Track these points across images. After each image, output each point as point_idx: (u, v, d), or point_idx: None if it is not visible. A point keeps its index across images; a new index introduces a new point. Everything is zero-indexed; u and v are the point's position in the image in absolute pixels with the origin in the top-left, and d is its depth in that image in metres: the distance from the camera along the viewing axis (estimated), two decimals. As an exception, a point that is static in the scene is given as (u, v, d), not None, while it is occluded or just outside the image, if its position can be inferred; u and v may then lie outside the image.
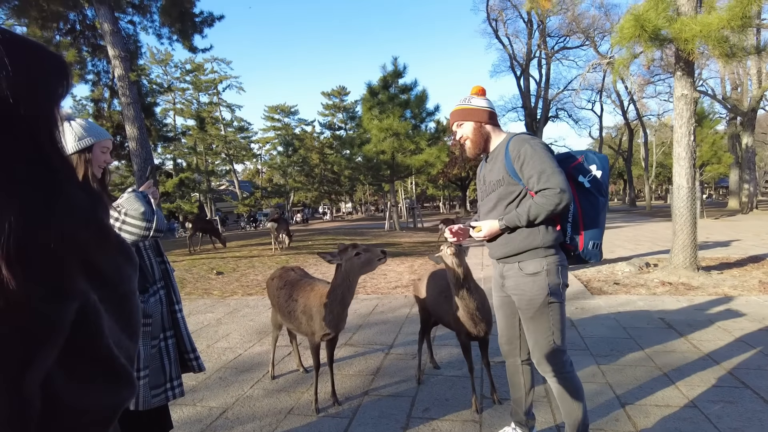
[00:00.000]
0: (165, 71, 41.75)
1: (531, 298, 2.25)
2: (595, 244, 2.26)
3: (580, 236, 2.25)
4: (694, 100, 6.91)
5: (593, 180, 2.27)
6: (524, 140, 2.22)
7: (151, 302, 2.15)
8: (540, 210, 2.14)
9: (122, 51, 17.24)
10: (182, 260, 10.56)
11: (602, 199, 2.26)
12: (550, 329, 2.24)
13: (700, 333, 4.35)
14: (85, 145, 2.14)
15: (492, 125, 2.40)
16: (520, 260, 2.28)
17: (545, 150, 2.18)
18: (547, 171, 2.12)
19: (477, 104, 2.38)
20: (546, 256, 2.23)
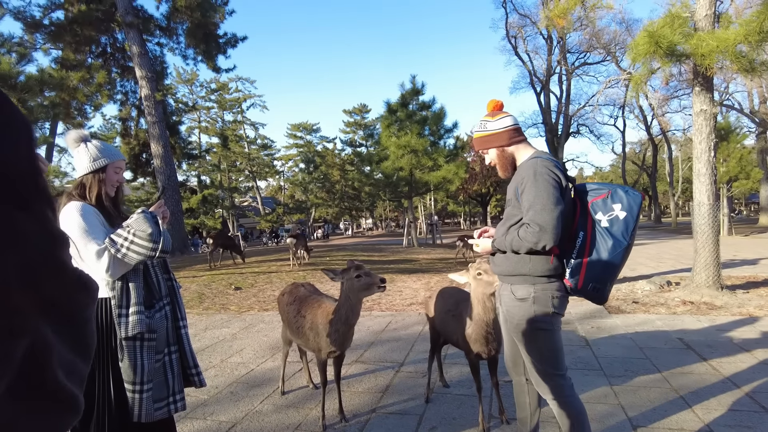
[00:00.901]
0: (191, 90, 42.96)
1: (517, 323, 2.24)
2: (595, 287, 2.12)
3: (580, 275, 2.12)
4: (713, 115, 6.80)
5: (613, 220, 2.11)
6: (531, 166, 2.15)
7: (156, 318, 2.22)
8: (520, 244, 2.11)
9: (149, 71, 17.85)
10: (202, 275, 10.74)
11: (620, 242, 2.08)
12: (542, 355, 2.21)
13: (721, 354, 4.22)
14: (99, 166, 2.24)
15: (516, 142, 2.31)
16: (512, 283, 2.27)
17: (547, 182, 2.08)
18: (536, 206, 2.05)
19: (493, 128, 2.31)
20: (535, 283, 2.18)
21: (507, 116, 2.33)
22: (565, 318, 5.77)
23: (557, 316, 2.22)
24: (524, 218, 2.12)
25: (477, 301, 2.77)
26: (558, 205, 2.05)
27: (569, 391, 2.25)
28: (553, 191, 2.07)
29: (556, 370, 2.22)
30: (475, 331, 2.84)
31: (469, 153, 35.22)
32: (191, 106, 32.86)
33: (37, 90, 8.90)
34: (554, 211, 2.03)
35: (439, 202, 46.74)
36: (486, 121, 2.35)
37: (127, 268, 2.12)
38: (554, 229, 2.02)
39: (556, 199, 2.06)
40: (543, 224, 2.02)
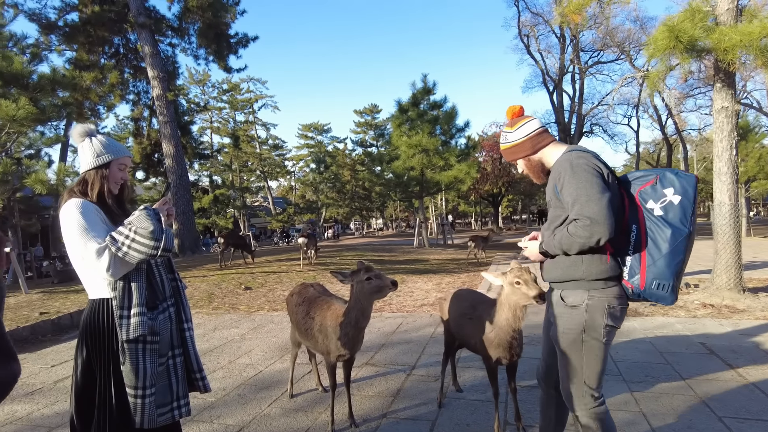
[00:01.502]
0: (203, 91, 43.27)
1: (564, 330, 2.06)
2: (661, 284, 1.88)
3: (641, 273, 1.91)
4: (735, 112, 6.60)
5: (667, 207, 1.90)
6: (566, 160, 2.00)
7: (159, 319, 2.12)
8: (571, 242, 1.92)
9: (161, 72, 17.95)
10: (213, 275, 10.71)
11: (679, 230, 1.86)
12: (581, 368, 2.03)
13: (747, 360, 4.05)
14: (103, 162, 2.16)
15: (542, 147, 2.18)
16: (562, 288, 2.09)
17: (587, 171, 1.91)
18: (581, 198, 1.87)
19: (514, 139, 2.20)
20: (591, 289, 1.99)
21: (527, 122, 2.19)
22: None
23: (612, 330, 2.01)
24: (570, 214, 1.93)
25: (508, 307, 2.64)
26: (604, 194, 1.86)
27: (600, 410, 2.07)
28: (594, 179, 1.89)
29: (593, 388, 2.04)
30: (499, 336, 2.73)
31: (481, 153, 35.01)
32: (203, 106, 33.05)
33: (49, 89, 8.91)
34: (602, 200, 1.84)
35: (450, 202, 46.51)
36: (506, 132, 2.24)
37: (128, 267, 2.03)
38: (607, 219, 1.82)
39: (600, 187, 1.87)
40: (593, 215, 1.83)
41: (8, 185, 8.70)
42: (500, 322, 2.70)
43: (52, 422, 3.46)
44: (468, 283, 9.21)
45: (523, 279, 2.50)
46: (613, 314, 1.98)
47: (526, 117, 2.22)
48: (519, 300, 2.56)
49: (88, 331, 2.07)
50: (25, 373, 4.74)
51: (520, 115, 2.24)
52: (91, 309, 2.09)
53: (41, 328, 6.41)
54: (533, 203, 60.22)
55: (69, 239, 2.02)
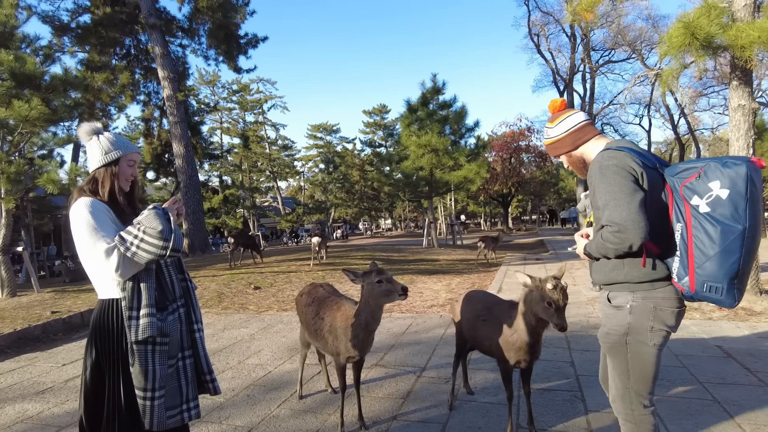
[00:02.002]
0: (213, 92, 43.51)
1: (608, 331, 2.00)
2: (713, 287, 1.72)
3: (689, 275, 1.77)
4: (752, 110, 6.46)
5: (714, 202, 1.71)
6: (596, 162, 1.93)
7: (169, 320, 2.09)
8: (606, 248, 1.85)
9: (171, 72, 18.05)
10: (222, 275, 10.74)
11: (730, 228, 1.67)
12: (627, 372, 1.95)
13: (766, 364, 3.95)
14: (111, 159, 2.14)
15: (583, 142, 2.10)
16: (609, 290, 2.02)
17: (616, 174, 1.82)
18: (610, 204, 1.79)
19: (554, 134, 2.15)
20: (635, 291, 1.91)
21: (568, 117, 2.12)
22: (594, 322, 5.54)
23: (659, 332, 1.89)
24: (602, 220, 1.85)
25: (531, 313, 2.58)
26: (634, 196, 1.76)
27: (645, 419, 1.95)
28: (623, 182, 1.79)
29: (640, 394, 1.95)
30: (521, 339, 2.68)
31: (491, 152, 34.82)
32: (213, 106, 33.27)
33: (61, 90, 8.97)
34: (630, 204, 1.75)
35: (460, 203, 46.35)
36: (548, 128, 2.18)
37: (137, 267, 2.00)
38: (636, 224, 1.73)
39: (629, 190, 1.78)
40: (620, 221, 1.76)
41: (21, 185, 8.75)
42: (523, 325, 2.65)
43: (62, 421, 3.46)
44: (478, 284, 9.14)
45: (555, 300, 2.42)
46: (660, 316, 1.88)
47: (568, 111, 2.14)
48: (540, 314, 2.50)
49: (98, 331, 2.06)
50: (36, 371, 4.76)
51: (561, 110, 2.17)
52: (101, 309, 2.07)
53: (52, 327, 6.44)
54: (543, 203, 59.85)
55: (78, 239, 2.01)
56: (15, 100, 8.06)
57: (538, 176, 39.02)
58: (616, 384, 2.01)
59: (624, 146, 1.94)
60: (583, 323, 5.52)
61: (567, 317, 2.45)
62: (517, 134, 36.47)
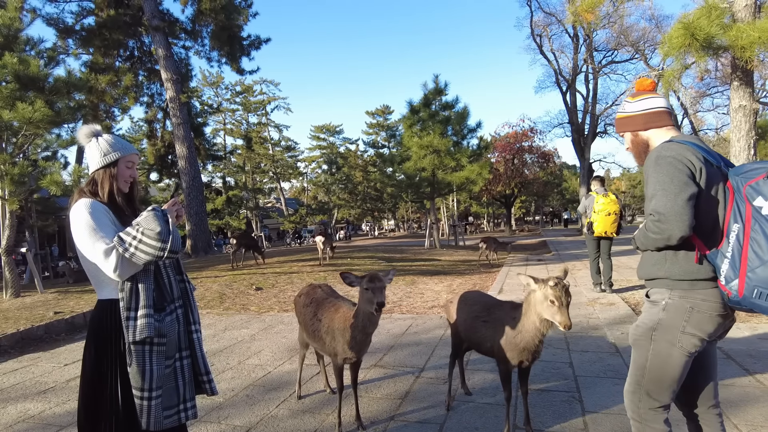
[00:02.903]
0: (216, 93, 43.57)
1: (639, 323, 1.96)
2: (763, 293, 1.62)
3: (739, 279, 1.67)
4: (753, 111, 6.45)
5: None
6: (655, 152, 1.88)
7: (167, 321, 2.11)
8: (646, 237, 1.82)
9: (174, 74, 18.12)
10: (224, 275, 10.77)
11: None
12: (644, 368, 1.90)
13: (765, 365, 3.95)
14: (110, 161, 2.16)
15: (654, 127, 2.02)
16: (651, 286, 1.98)
17: (671, 165, 1.77)
18: (658, 193, 1.76)
19: (631, 110, 2.07)
20: (673, 288, 1.84)
21: (651, 98, 2.04)
22: (594, 323, 5.54)
23: (691, 337, 1.80)
24: (648, 209, 1.83)
25: (535, 314, 2.58)
26: (684, 190, 1.72)
27: (656, 419, 1.91)
28: (676, 174, 1.75)
29: (651, 396, 1.89)
30: (525, 339, 2.68)
31: (493, 153, 34.78)
32: (216, 108, 33.35)
33: (65, 92, 9.04)
34: (678, 196, 1.71)
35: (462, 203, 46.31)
36: (627, 102, 2.11)
37: (136, 268, 2.02)
38: (678, 216, 1.70)
39: (681, 183, 1.73)
40: (664, 211, 1.72)
41: (25, 186, 8.82)
42: (527, 326, 2.65)
43: (63, 421, 3.49)
44: (479, 285, 9.14)
45: (558, 299, 2.44)
46: (697, 319, 1.79)
47: (652, 93, 2.07)
48: (543, 314, 2.51)
49: (96, 331, 2.08)
50: (38, 371, 4.80)
51: (650, 89, 2.09)
52: (99, 309, 2.10)
53: (55, 327, 6.49)
54: (546, 204, 59.72)
55: (78, 239, 2.03)
56: (19, 103, 8.12)
57: (541, 177, 38.94)
58: (630, 378, 1.97)
59: (689, 141, 1.89)
60: (583, 324, 5.52)
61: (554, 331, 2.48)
62: (520, 135, 36.40)
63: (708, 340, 1.83)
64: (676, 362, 1.83)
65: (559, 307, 2.43)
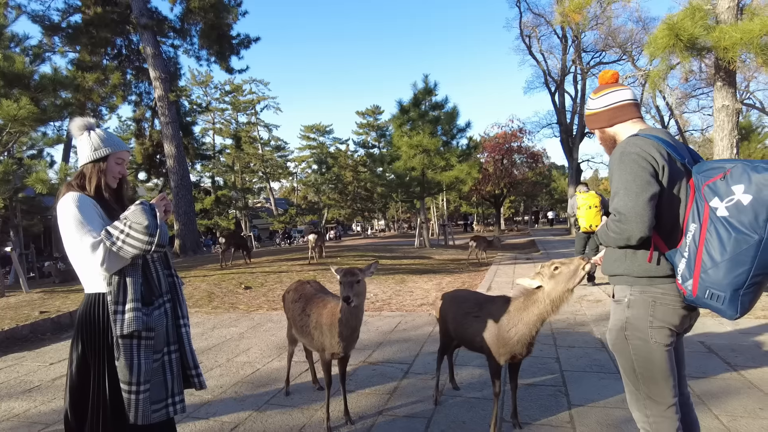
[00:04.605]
0: (205, 92, 43.29)
1: (610, 326, 1.96)
2: (715, 295, 1.63)
3: (693, 279, 1.67)
4: (736, 111, 6.57)
5: (734, 207, 1.59)
6: (620, 147, 1.85)
7: (155, 315, 2.11)
8: (608, 236, 1.83)
9: (163, 72, 17.99)
10: (213, 275, 10.72)
11: (744, 237, 1.56)
12: (634, 371, 1.88)
13: (747, 360, 4.03)
14: (100, 156, 2.16)
15: (619, 122, 1.99)
16: (613, 283, 1.98)
17: (634, 162, 1.75)
18: (621, 192, 1.75)
19: (595, 107, 2.05)
20: (633, 284, 1.86)
21: (612, 92, 2.00)
22: (581, 319, 5.60)
23: (660, 330, 1.81)
24: (610, 207, 1.82)
25: (550, 301, 2.55)
26: (646, 189, 1.70)
27: (668, 428, 1.83)
28: (639, 172, 1.73)
29: (656, 397, 1.84)
30: (520, 332, 2.69)
31: (483, 153, 34.96)
32: (205, 107, 33.04)
33: (51, 89, 8.94)
34: (639, 196, 1.70)
35: (452, 203, 46.47)
36: (590, 98, 2.09)
37: (123, 262, 2.02)
38: (639, 217, 1.69)
39: (643, 182, 1.72)
40: (625, 211, 1.72)
41: (10, 185, 8.71)
42: (528, 316, 2.65)
43: (49, 419, 3.46)
44: (468, 284, 9.19)
45: (558, 263, 2.49)
46: (661, 312, 1.81)
47: (614, 86, 2.02)
48: (569, 283, 2.47)
49: (83, 325, 2.08)
50: (24, 370, 4.75)
51: (611, 83, 2.05)
52: (87, 303, 2.09)
53: (41, 326, 6.41)
54: (535, 204, 60.13)
55: (65, 233, 2.03)
56: (3, 100, 8.02)
57: (530, 177, 39.20)
58: (627, 387, 1.95)
59: (655, 135, 1.85)
60: (570, 321, 5.58)
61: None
62: (509, 135, 36.63)
63: (677, 332, 1.84)
64: (658, 357, 1.82)
65: (563, 264, 2.47)
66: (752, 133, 20.77)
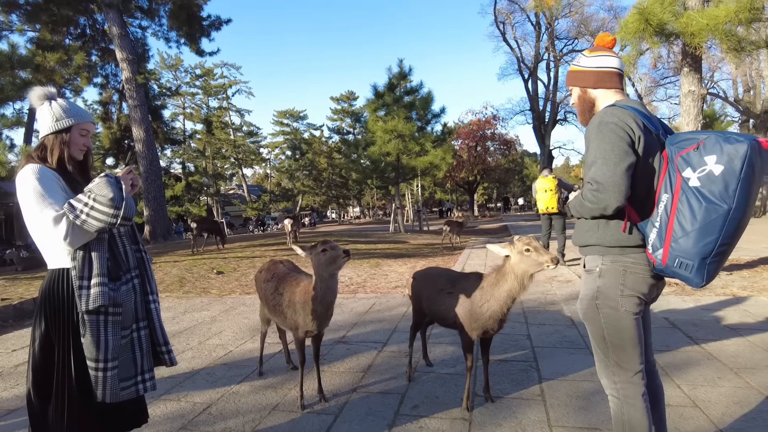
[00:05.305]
0: (175, 76, 42.10)
1: (581, 296, 1.98)
2: (684, 264, 1.68)
3: (664, 248, 1.71)
4: (701, 96, 6.76)
5: (706, 177, 1.62)
6: (598, 116, 1.84)
7: (122, 290, 2.05)
8: (582, 206, 1.83)
9: (130, 54, 17.38)
10: (184, 260, 10.53)
11: (714, 206, 1.60)
12: (604, 340, 1.91)
13: (706, 333, 4.19)
14: (62, 127, 2.07)
15: (603, 87, 1.98)
16: (584, 254, 1.99)
17: (612, 132, 1.75)
18: (598, 161, 1.74)
19: (585, 65, 2.00)
20: (605, 254, 1.88)
21: (605, 55, 1.98)
22: (551, 299, 5.72)
23: (630, 298, 1.85)
24: (585, 176, 1.81)
25: (514, 276, 2.60)
26: (624, 159, 1.71)
27: (634, 393, 1.87)
28: (617, 142, 1.73)
29: (624, 364, 1.88)
30: (492, 308, 2.72)
31: (457, 140, 35.16)
32: (175, 91, 32.17)
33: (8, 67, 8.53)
34: (617, 166, 1.70)
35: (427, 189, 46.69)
36: (583, 55, 2.05)
37: (88, 236, 1.95)
38: (615, 186, 1.70)
39: (621, 152, 1.72)
40: (602, 180, 1.72)
41: (-34, 168, 8.33)
42: (499, 292, 2.68)
43: (12, 405, 3.35)
44: (442, 266, 9.26)
45: (532, 246, 2.52)
46: (631, 281, 1.84)
47: (610, 51, 2.01)
48: (529, 268, 2.55)
49: (46, 301, 2.00)
50: (-16, 357, 4.58)
51: (606, 47, 2.02)
52: (50, 279, 2.01)
53: (2, 313, 6.19)
54: (508, 191, 60.97)
55: (25, 206, 1.94)
56: (-44, 77, 7.63)
57: (503, 164, 39.68)
58: (596, 355, 1.98)
59: (631, 106, 1.86)
60: (541, 300, 5.70)
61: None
62: (483, 122, 36.92)
63: (645, 300, 1.88)
64: (627, 325, 1.85)
65: (536, 251, 2.50)
66: (715, 122, 21.45)
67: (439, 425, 2.72)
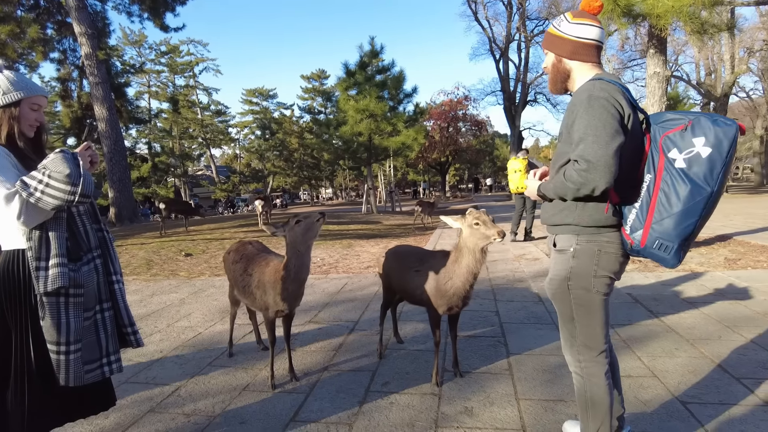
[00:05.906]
0: (139, 53, 40.51)
1: (552, 276, 1.95)
2: (663, 245, 1.67)
3: (644, 229, 1.70)
4: (666, 78, 6.91)
5: (692, 159, 1.61)
6: (587, 90, 1.73)
7: (83, 271, 1.98)
8: (565, 187, 1.74)
9: (89, 28, 16.60)
10: (151, 242, 10.28)
11: (699, 189, 1.60)
12: (572, 320, 1.90)
13: (666, 307, 4.36)
14: (10, 101, 1.96)
15: (580, 59, 1.87)
16: (555, 233, 1.94)
17: (604, 108, 1.66)
18: (588, 138, 1.65)
19: (565, 31, 1.88)
20: (580, 234, 1.83)
21: (588, 25, 1.86)
22: (519, 276, 5.84)
23: (603, 279, 1.83)
24: (572, 154, 1.71)
25: (468, 250, 2.64)
26: (615, 138, 1.63)
27: (598, 372, 1.89)
28: (609, 120, 1.65)
29: (590, 343, 1.89)
30: (455, 285, 2.75)
31: (429, 121, 35.15)
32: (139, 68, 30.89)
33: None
34: (609, 145, 1.62)
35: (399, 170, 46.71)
36: (565, 19, 1.91)
37: (44, 214, 1.87)
38: (607, 167, 1.62)
39: (612, 130, 1.64)
40: (594, 159, 1.62)
41: None
42: (460, 269, 2.71)
43: (-30, 391, 3.23)
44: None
45: (481, 220, 2.55)
46: (605, 261, 1.82)
47: (594, 20, 1.88)
48: (479, 242, 2.59)
49: (2, 285, 1.92)
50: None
51: (591, 13, 1.89)
52: (5, 261, 1.93)
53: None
54: (479, 172, 61.60)
55: None
56: None
57: (474, 145, 39.95)
58: (563, 334, 1.98)
59: (616, 81, 1.79)
60: (509, 277, 5.81)
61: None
62: (455, 103, 36.96)
63: (615, 279, 1.88)
64: (597, 306, 1.86)
65: (485, 225, 2.55)
66: (679, 104, 22.06)
67: (409, 401, 2.77)
